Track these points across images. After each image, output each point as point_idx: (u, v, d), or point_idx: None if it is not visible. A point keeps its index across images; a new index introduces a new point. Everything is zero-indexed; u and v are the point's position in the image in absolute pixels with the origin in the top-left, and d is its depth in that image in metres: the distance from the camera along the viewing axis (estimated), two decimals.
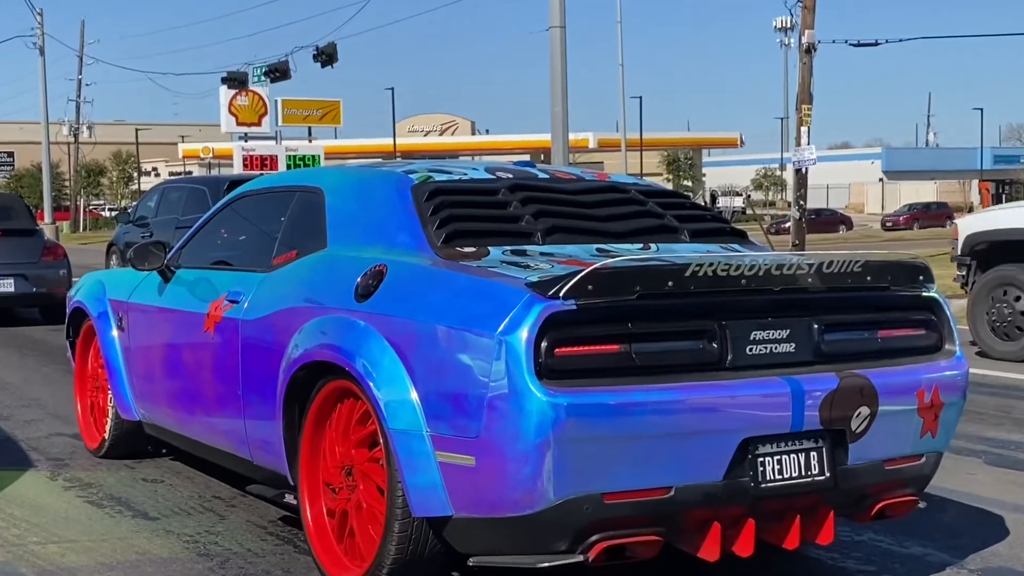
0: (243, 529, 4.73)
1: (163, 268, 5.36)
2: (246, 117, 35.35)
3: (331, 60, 30.68)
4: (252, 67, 34.20)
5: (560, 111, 21.03)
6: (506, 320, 3.29)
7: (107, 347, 5.83)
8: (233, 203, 5.36)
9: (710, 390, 3.42)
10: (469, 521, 3.45)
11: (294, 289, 4.35)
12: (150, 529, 4.75)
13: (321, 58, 30.49)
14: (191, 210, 15.07)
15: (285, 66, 32.39)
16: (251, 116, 35.41)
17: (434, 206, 4.12)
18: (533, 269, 3.61)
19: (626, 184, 4.78)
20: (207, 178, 20.02)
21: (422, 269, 3.84)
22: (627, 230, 4.28)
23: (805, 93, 24.18)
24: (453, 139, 70.64)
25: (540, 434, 3.21)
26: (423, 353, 3.56)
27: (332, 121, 39.98)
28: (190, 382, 5.04)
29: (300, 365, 4.05)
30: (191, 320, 4.96)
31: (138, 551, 4.44)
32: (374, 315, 3.78)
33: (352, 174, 4.77)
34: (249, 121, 35.41)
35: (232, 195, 5.42)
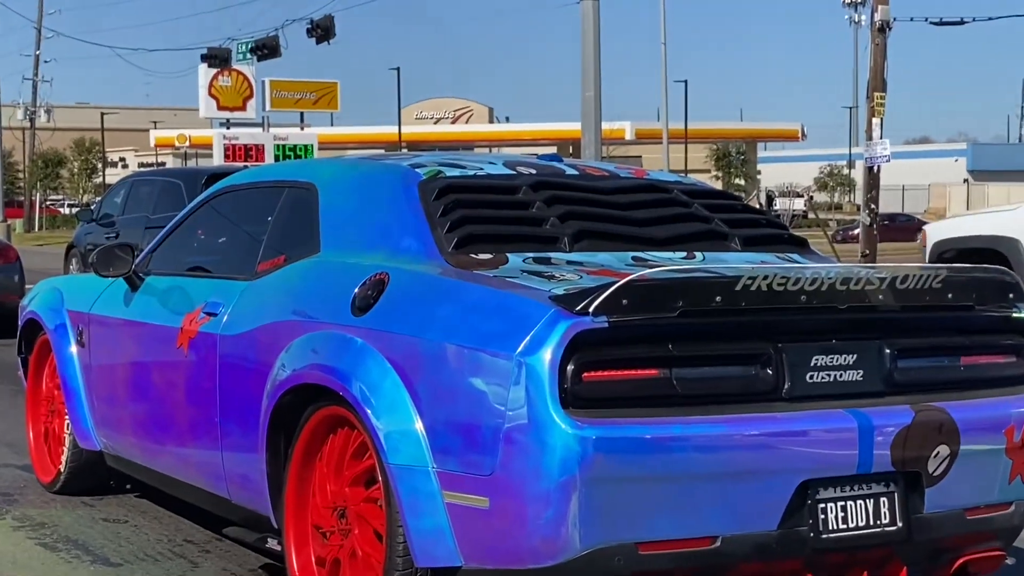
0: None
1: (131, 274, 5.38)
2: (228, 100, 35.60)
3: (327, 35, 30.80)
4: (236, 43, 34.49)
5: (592, 96, 21.06)
6: (527, 339, 3.29)
7: (65, 365, 5.86)
8: (212, 200, 5.39)
9: (763, 424, 3.42)
10: (480, 573, 3.45)
11: (281, 300, 4.37)
12: None
13: (316, 33, 30.61)
14: (164, 207, 15.17)
15: (275, 42, 32.61)
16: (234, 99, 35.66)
17: (444, 206, 4.13)
18: (559, 280, 3.62)
19: (667, 182, 4.79)
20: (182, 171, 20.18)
21: (430, 279, 3.85)
22: (668, 236, 4.28)
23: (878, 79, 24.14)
24: (467, 127, 70.83)
25: (565, 472, 3.21)
26: (430, 376, 3.57)
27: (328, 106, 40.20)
28: (160, 407, 5.06)
29: (287, 388, 4.06)
30: (162, 335, 4.98)
31: None
32: (373, 331, 3.79)
33: (350, 168, 4.79)
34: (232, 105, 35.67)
35: (211, 191, 5.46)
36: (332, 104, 40.15)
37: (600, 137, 21.66)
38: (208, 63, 34.19)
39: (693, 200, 4.58)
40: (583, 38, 21.34)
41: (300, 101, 38.43)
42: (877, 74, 23.96)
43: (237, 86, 35.59)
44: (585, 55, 21.27)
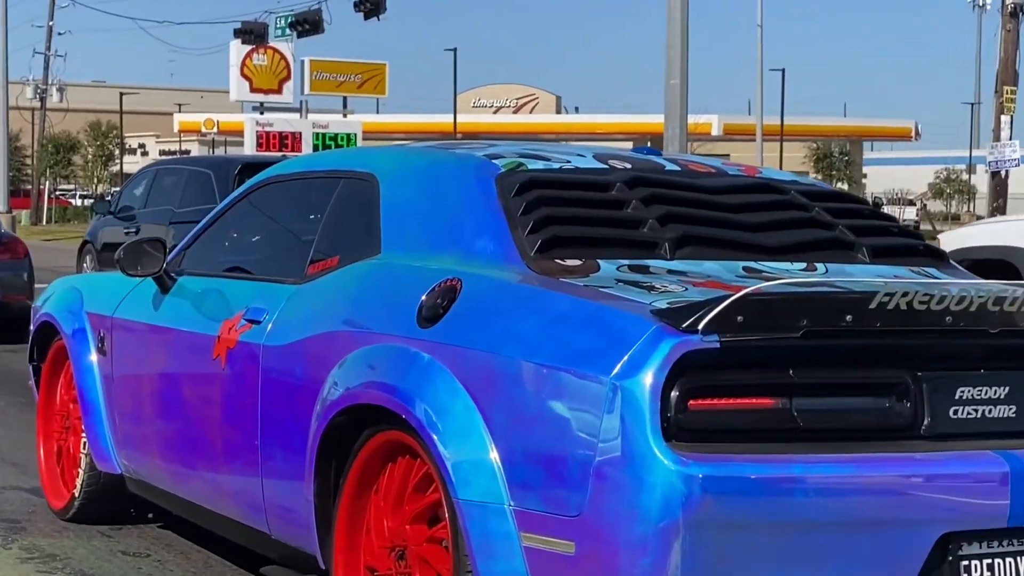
0: None
1: (161, 274, 5.39)
2: (263, 82, 35.96)
3: (377, 10, 30.98)
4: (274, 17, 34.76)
5: (679, 84, 21.00)
6: (624, 359, 3.24)
7: (83, 375, 5.86)
8: (254, 192, 5.40)
9: (899, 466, 3.34)
10: None
11: (335, 307, 4.36)
12: None
13: (364, 7, 30.78)
14: (191, 200, 15.31)
15: (317, 16, 32.82)
16: (270, 81, 36.02)
17: (526, 203, 4.10)
18: (660, 292, 3.57)
19: (783, 182, 4.73)
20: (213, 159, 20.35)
21: (509, 286, 3.82)
22: (785, 243, 4.22)
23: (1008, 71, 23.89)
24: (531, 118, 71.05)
25: (666, 515, 3.14)
26: (508, 399, 3.53)
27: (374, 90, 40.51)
28: (192, 426, 5.05)
29: (340, 409, 4.04)
30: (197, 344, 4.98)
31: None
32: (443, 345, 3.76)
33: (417, 157, 4.78)
34: (267, 87, 36.03)
35: (254, 181, 5.45)
36: (379, 88, 40.44)
37: (686, 131, 21.57)
38: (242, 39, 34.55)
39: (813, 203, 4.51)
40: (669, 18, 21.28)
41: (343, 84, 38.72)
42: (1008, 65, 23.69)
43: (273, 66, 35.94)
44: (671, 37, 21.20)
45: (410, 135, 58.87)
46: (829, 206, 4.54)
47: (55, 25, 63.14)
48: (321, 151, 27.40)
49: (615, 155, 4.67)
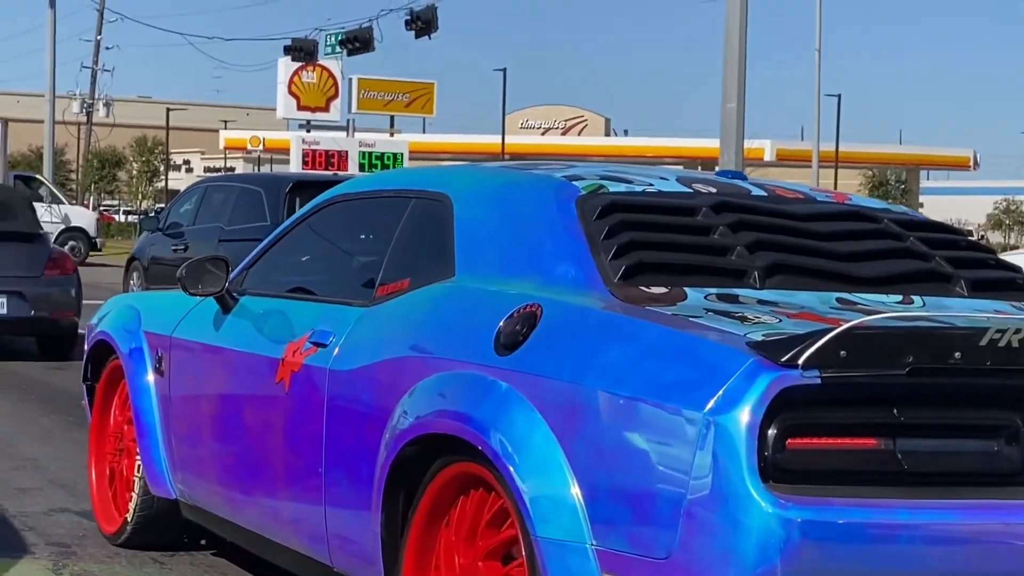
0: None
1: (223, 293, 5.33)
2: (311, 99, 36.14)
3: (428, 29, 31.11)
4: (324, 34, 34.94)
5: (735, 108, 20.97)
6: (719, 393, 3.15)
7: (139, 396, 5.82)
8: (320, 211, 5.35)
9: (1008, 513, 3.23)
10: None
11: (406, 332, 4.31)
12: None
13: (415, 25, 30.94)
14: (241, 218, 15.33)
15: (368, 34, 32.95)
16: (317, 99, 36.19)
17: (609, 227, 4.03)
18: (754, 323, 3.49)
19: (875, 210, 4.65)
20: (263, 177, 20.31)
21: (593, 313, 3.75)
22: (880, 274, 4.12)
23: None
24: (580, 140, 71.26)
25: (763, 561, 3.05)
26: (591, 431, 3.44)
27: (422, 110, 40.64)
28: (252, 452, 5.01)
29: (410, 439, 3.98)
30: (259, 367, 4.94)
31: None
32: (521, 374, 3.69)
33: (493, 177, 4.74)
34: (314, 105, 36.21)
35: (320, 200, 5.40)
36: (427, 108, 40.54)
37: (742, 156, 21.52)
38: (291, 56, 34.72)
39: (908, 232, 4.42)
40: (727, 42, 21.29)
41: (391, 103, 38.83)
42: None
43: (321, 84, 36.11)
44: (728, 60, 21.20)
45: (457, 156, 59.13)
46: (924, 236, 4.44)
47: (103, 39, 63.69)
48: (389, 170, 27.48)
49: (699, 178, 4.61)
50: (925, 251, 4.31)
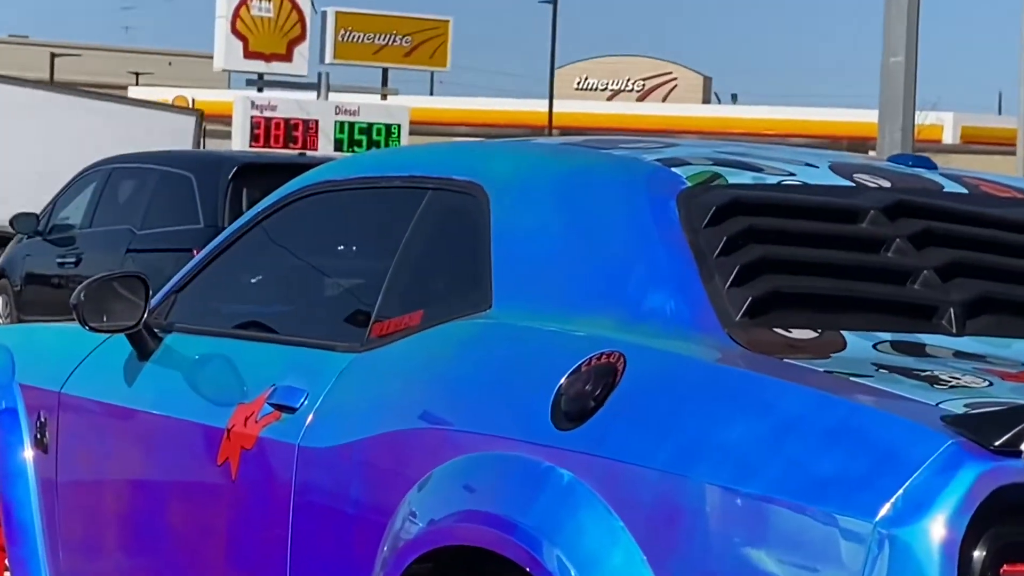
0: None
1: (141, 329, 5.34)
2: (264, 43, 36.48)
3: None
4: None
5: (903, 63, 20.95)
6: (898, 493, 3.12)
7: (10, 482, 5.85)
8: (286, 207, 5.37)
9: None
10: None
11: (416, 391, 4.32)
12: None
13: None
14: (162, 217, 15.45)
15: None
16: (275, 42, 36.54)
17: (728, 237, 4.02)
18: (950, 387, 3.48)
19: None
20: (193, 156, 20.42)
21: (704, 368, 3.76)
22: None
23: None
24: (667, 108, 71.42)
25: None
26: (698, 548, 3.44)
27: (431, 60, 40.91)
28: (180, 569, 5.02)
29: (422, 553, 3.98)
30: (193, 441, 4.97)
31: None
32: (593, 458, 3.68)
33: (549, 161, 4.75)
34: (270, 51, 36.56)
35: (283, 192, 5.42)
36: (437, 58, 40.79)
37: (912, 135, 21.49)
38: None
39: None
40: None
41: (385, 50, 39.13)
42: None
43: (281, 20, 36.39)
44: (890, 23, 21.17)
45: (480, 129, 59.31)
46: None
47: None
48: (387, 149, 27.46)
49: (866, 166, 4.61)
50: None
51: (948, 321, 3.91)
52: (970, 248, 4.14)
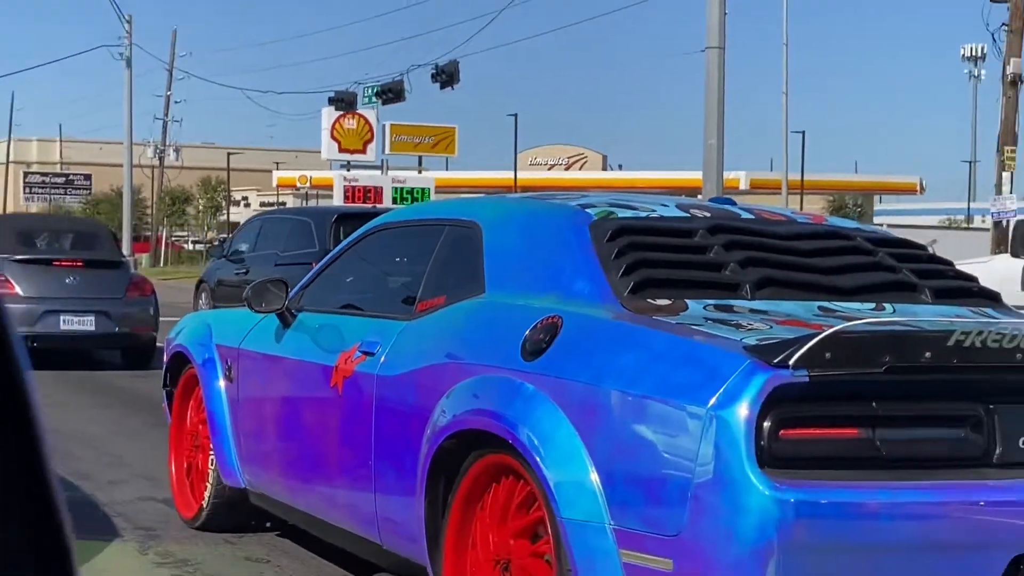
0: None
1: (284, 310, 5.28)
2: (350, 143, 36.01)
3: (451, 80, 31.07)
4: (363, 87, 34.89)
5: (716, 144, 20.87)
6: (720, 391, 3.09)
7: (211, 400, 5.77)
8: (367, 237, 5.29)
9: (973, 492, 3.18)
10: None
11: (444, 342, 4.24)
12: None
13: (441, 78, 30.90)
14: (294, 245, 15.25)
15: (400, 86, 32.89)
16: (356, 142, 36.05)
17: (619, 248, 3.96)
18: (748, 329, 3.42)
19: (848, 229, 4.59)
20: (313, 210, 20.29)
21: (608, 323, 3.69)
22: (855, 285, 4.04)
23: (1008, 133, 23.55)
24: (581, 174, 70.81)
25: (762, 537, 2.99)
26: (608, 426, 3.39)
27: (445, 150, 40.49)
28: (311, 446, 4.95)
29: (449, 434, 3.91)
30: (316, 373, 4.87)
31: None
32: (545, 377, 3.62)
33: (517, 206, 4.68)
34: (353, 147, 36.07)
35: (366, 228, 5.35)
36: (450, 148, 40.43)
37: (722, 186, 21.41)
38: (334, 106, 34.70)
39: (878, 248, 4.35)
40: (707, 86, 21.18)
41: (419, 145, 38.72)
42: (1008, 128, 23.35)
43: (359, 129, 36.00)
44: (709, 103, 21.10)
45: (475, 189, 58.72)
46: (892, 251, 4.37)
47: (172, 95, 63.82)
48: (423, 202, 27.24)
49: (695, 205, 4.55)
50: (893, 264, 4.23)
51: (745, 292, 3.85)
52: (756, 249, 4.09)
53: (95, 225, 16.02)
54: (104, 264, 13.57)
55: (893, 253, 4.34)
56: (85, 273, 13.21)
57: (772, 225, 4.38)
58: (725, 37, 21.01)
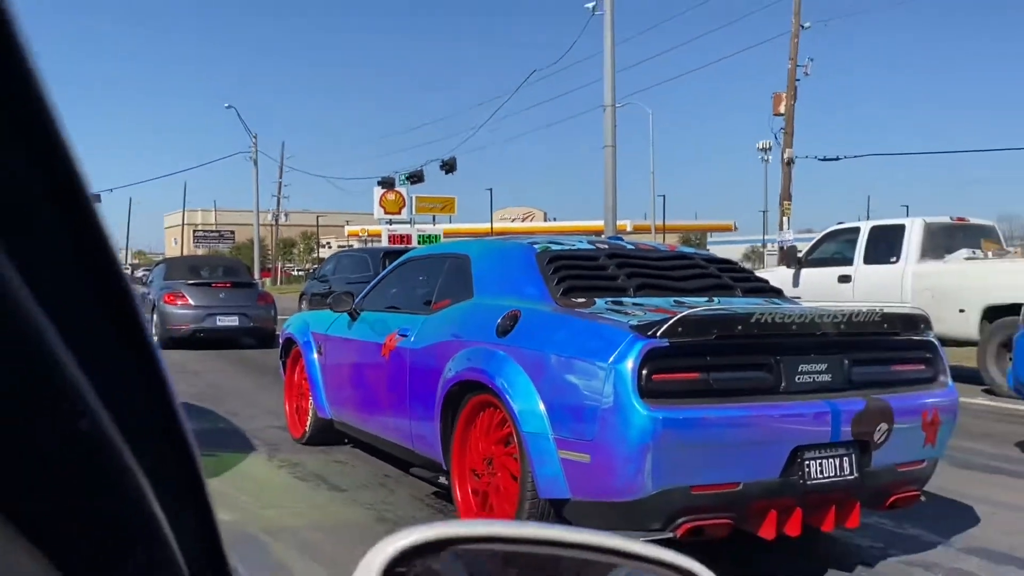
0: (407, 501, 4.51)
1: (351, 311, 5.21)
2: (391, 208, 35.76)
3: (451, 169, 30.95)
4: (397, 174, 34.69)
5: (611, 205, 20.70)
6: (615, 353, 3.06)
7: (309, 366, 5.68)
8: (401, 265, 5.22)
9: (769, 409, 3.15)
10: (583, 504, 3.20)
11: (449, 327, 4.17)
12: (341, 499, 4.56)
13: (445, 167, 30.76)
14: (357, 271, 15.11)
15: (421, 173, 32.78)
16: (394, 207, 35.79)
17: (553, 268, 3.93)
18: (632, 315, 3.38)
19: (691, 253, 4.54)
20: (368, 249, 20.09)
21: (547, 314, 3.63)
22: (696, 287, 4.03)
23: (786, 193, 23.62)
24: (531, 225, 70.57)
25: (643, 440, 2.97)
26: (549, 376, 3.34)
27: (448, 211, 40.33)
28: (370, 393, 4.87)
29: (454, 383, 3.86)
30: (372, 348, 4.80)
31: (335, 516, 4.26)
32: (511, 347, 3.58)
33: (491, 244, 4.59)
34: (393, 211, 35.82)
35: (400, 260, 5.28)
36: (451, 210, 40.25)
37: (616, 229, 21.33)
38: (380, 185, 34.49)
39: (709, 264, 4.33)
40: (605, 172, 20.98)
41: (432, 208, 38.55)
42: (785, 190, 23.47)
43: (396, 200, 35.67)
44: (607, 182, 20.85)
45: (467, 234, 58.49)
46: (717, 266, 4.35)
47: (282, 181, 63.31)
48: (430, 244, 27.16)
49: (599, 241, 4.48)
50: (718, 273, 4.22)
51: (630, 293, 3.82)
52: (636, 267, 4.05)
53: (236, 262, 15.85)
54: (243, 284, 13.46)
55: (718, 267, 4.32)
56: (231, 291, 13.07)
57: (645, 252, 4.34)
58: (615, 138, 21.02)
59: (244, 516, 4.18)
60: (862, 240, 10.29)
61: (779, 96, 23.08)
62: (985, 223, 10.49)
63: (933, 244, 9.88)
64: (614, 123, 20.59)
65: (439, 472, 4.12)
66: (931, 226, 9.96)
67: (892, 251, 9.99)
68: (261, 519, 4.17)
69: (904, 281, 9.74)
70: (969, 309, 9.17)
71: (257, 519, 4.16)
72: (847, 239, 10.61)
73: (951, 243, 9.99)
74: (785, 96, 22.79)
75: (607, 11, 20.30)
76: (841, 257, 10.63)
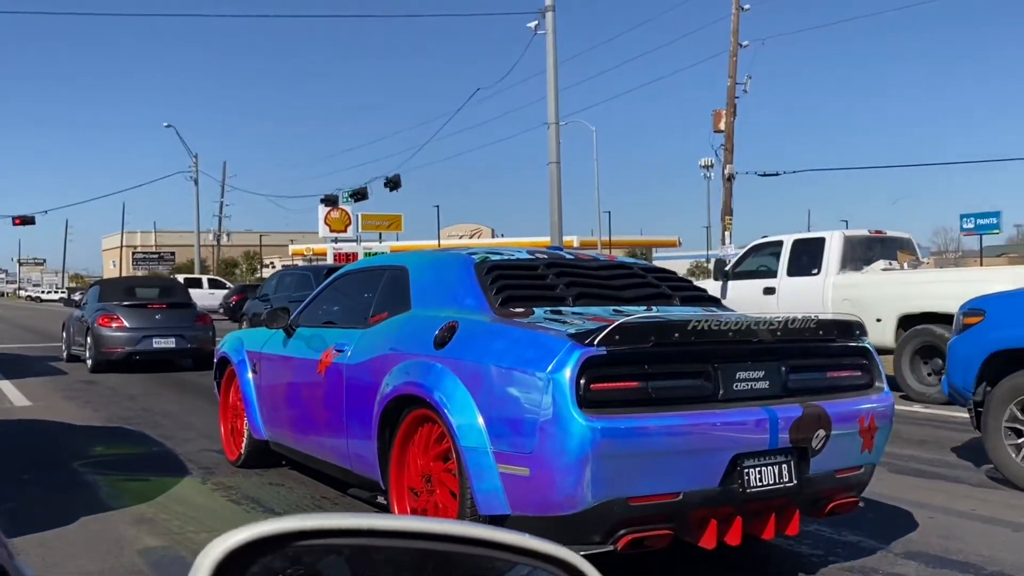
0: None
1: (287, 327, 5.08)
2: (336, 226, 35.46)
3: (396, 186, 30.74)
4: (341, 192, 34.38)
5: (556, 221, 20.96)
6: (553, 362, 3.01)
7: (244, 386, 5.53)
8: (338, 279, 5.11)
9: (708, 417, 3.13)
10: (523, 519, 3.12)
11: (386, 341, 4.07)
12: None
13: (389, 184, 30.56)
14: (299, 288, 14.90)
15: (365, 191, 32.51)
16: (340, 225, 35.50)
17: (492, 278, 3.86)
18: (570, 324, 3.33)
19: (630, 263, 4.54)
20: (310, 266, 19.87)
21: (485, 324, 3.57)
22: (634, 296, 4.00)
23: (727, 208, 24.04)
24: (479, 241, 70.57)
25: (581, 451, 2.92)
26: (487, 388, 3.28)
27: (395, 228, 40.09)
28: (306, 412, 4.74)
29: (391, 398, 3.77)
30: (308, 365, 4.68)
31: None
32: (449, 359, 3.51)
33: (429, 255, 4.53)
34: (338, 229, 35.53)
35: (337, 274, 5.17)
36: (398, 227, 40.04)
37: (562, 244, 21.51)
38: (324, 203, 34.17)
39: (647, 274, 4.32)
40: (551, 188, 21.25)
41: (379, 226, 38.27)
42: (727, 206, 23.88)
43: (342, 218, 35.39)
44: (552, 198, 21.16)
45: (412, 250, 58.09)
46: (656, 275, 4.34)
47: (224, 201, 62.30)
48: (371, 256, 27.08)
49: (537, 251, 4.43)
50: (657, 283, 4.20)
51: (569, 302, 3.77)
52: (575, 276, 4.02)
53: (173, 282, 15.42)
54: (180, 305, 13.05)
55: (656, 276, 4.31)
56: (167, 312, 12.69)
57: (584, 262, 4.32)
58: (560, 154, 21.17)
59: (175, 541, 4.01)
60: (785, 253, 10.48)
61: (719, 113, 23.51)
62: (902, 235, 10.76)
63: (852, 256, 10.14)
64: (558, 140, 20.79)
65: (377, 492, 4.01)
66: (850, 239, 10.23)
67: (814, 263, 10.20)
68: (193, 544, 4.00)
69: (825, 292, 9.97)
70: (885, 318, 9.42)
71: (189, 544, 3.99)
72: (771, 252, 10.82)
73: (869, 255, 10.29)
74: (725, 113, 23.23)
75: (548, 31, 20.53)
76: (766, 270, 10.84)
